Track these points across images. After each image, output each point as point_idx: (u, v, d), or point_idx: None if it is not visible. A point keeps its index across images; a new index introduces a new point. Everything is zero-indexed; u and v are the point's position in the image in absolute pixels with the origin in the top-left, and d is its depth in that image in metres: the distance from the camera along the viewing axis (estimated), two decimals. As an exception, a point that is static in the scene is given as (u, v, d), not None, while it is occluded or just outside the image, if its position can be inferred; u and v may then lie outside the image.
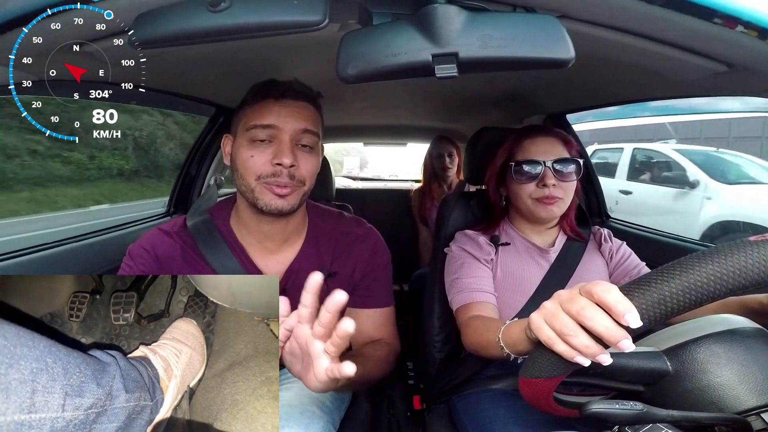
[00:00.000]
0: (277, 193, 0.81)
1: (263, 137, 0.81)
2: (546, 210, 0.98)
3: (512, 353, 0.69)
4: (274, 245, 0.92)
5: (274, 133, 0.81)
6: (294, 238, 0.94)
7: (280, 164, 0.80)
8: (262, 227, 0.89)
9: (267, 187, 0.82)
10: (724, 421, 0.50)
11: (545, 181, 0.96)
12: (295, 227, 0.93)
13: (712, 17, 0.58)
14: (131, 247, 0.90)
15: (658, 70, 0.88)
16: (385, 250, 1.00)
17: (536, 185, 0.97)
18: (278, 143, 0.81)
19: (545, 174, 0.96)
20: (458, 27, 0.54)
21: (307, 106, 0.85)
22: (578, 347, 0.46)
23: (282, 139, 0.81)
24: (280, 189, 0.81)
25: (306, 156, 0.84)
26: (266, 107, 0.82)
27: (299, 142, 0.83)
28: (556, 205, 0.97)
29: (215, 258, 0.88)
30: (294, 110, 0.83)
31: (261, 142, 0.82)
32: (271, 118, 0.81)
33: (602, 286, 0.45)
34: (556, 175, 0.96)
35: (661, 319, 0.44)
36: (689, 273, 0.43)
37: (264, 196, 0.82)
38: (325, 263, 0.93)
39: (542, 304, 0.51)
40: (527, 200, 0.99)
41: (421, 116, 2.32)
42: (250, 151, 0.82)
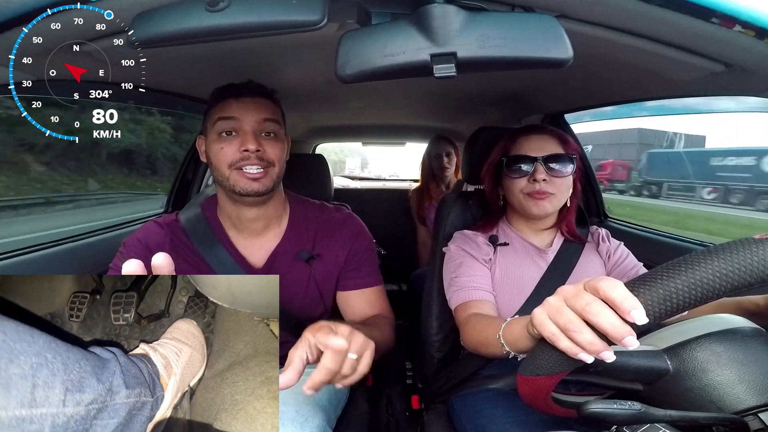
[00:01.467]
0: (249, 176, 0.88)
1: (228, 128, 0.89)
2: (537, 206, 0.98)
3: (512, 351, 0.69)
4: (256, 231, 0.98)
5: (237, 125, 0.89)
6: (275, 225, 1.00)
7: (247, 150, 0.87)
8: (243, 214, 0.95)
9: (240, 173, 0.89)
10: (721, 421, 0.50)
11: (536, 176, 0.96)
12: (275, 213, 0.99)
13: (709, 17, 0.58)
14: (126, 238, 0.96)
15: (655, 69, 0.88)
16: (366, 234, 1.07)
17: (528, 180, 0.98)
18: (243, 134, 0.89)
19: (536, 169, 0.97)
20: (457, 27, 0.54)
21: (265, 101, 0.93)
22: (582, 343, 0.46)
23: (245, 129, 0.89)
24: (252, 172, 0.88)
25: (271, 142, 0.91)
26: (227, 104, 0.90)
27: (262, 131, 0.91)
28: (547, 200, 0.97)
29: (202, 246, 0.95)
30: (252, 105, 0.90)
31: (228, 135, 0.89)
32: (232, 111, 0.89)
33: (608, 282, 0.45)
34: (547, 170, 0.96)
35: (666, 316, 0.44)
36: (695, 270, 0.43)
37: (238, 181, 0.89)
38: (307, 247, 0.99)
39: (546, 300, 0.51)
40: (519, 195, 1.00)
41: (420, 116, 2.32)
42: (219, 144, 0.89)
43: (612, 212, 1.78)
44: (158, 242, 0.93)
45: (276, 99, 0.96)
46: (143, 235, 0.94)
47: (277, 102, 0.96)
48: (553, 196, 0.98)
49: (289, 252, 0.98)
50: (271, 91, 0.96)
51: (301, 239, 1.00)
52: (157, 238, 0.94)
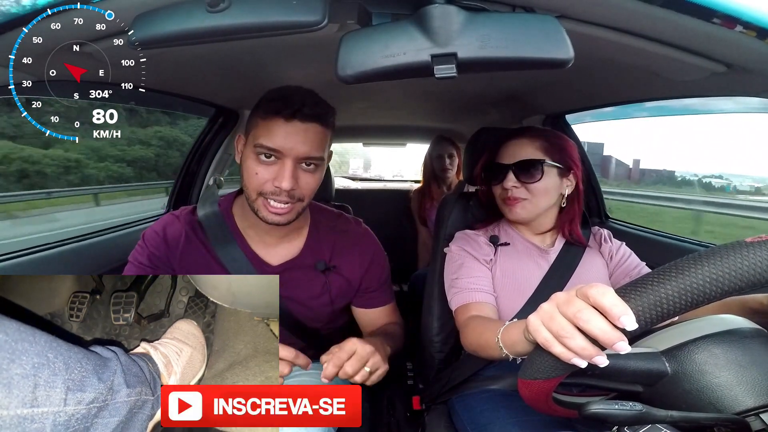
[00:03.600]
0: (272, 210, 0.85)
1: (268, 155, 0.84)
2: (511, 212, 1.01)
3: (511, 354, 0.69)
4: (274, 239, 0.97)
5: (278, 155, 0.83)
6: (294, 234, 0.99)
7: (279, 187, 0.83)
8: (264, 225, 0.91)
9: (265, 203, 0.86)
10: (723, 422, 0.50)
11: (505, 183, 0.99)
12: (295, 226, 0.96)
13: (711, 17, 0.58)
14: (146, 231, 0.96)
15: (657, 70, 0.88)
16: (382, 252, 1.07)
17: (502, 187, 1.01)
18: (281, 166, 0.83)
19: (507, 177, 0.99)
20: (457, 27, 0.54)
21: (316, 128, 0.84)
22: (574, 349, 0.46)
23: (285, 163, 0.83)
24: (276, 207, 0.85)
25: (309, 175, 0.87)
26: (275, 127, 0.82)
27: (303, 163, 0.85)
28: (519, 206, 0.99)
29: (219, 245, 0.94)
30: (301, 134, 0.83)
31: (267, 159, 0.84)
32: (277, 141, 0.82)
33: (598, 288, 0.45)
34: (516, 177, 0.98)
35: (657, 322, 0.44)
36: (685, 275, 0.42)
37: (262, 210, 0.86)
38: (324, 257, 0.99)
39: (540, 306, 0.51)
40: (498, 200, 1.04)
41: (421, 117, 2.32)
42: (255, 167, 0.85)
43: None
44: (174, 235, 0.94)
45: (331, 122, 0.88)
46: (161, 228, 0.95)
47: (330, 125, 0.88)
48: (526, 201, 0.99)
49: (307, 261, 0.98)
50: (326, 114, 0.86)
51: (320, 250, 0.99)
52: (174, 231, 0.94)
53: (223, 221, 0.96)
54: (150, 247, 0.92)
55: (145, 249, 0.92)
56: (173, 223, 0.96)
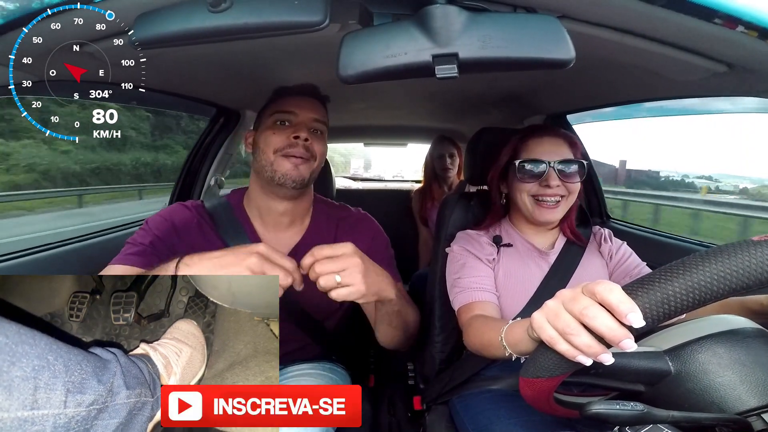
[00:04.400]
0: (293, 161, 0.96)
1: (283, 119, 0.99)
2: (545, 214, 0.98)
3: (514, 353, 0.69)
4: (282, 225, 1.04)
5: (292, 117, 0.99)
6: (299, 221, 1.06)
7: (298, 137, 0.96)
8: (273, 206, 1.01)
9: (284, 158, 0.96)
10: (724, 422, 0.50)
11: (549, 181, 0.96)
12: (302, 210, 1.05)
13: (712, 17, 0.58)
14: (149, 218, 0.99)
15: (658, 70, 0.88)
16: (383, 234, 1.13)
17: (539, 184, 0.97)
18: (297, 124, 0.99)
19: (549, 174, 0.96)
20: (459, 27, 0.54)
21: (319, 103, 1.05)
22: (580, 346, 0.46)
23: (299, 121, 0.99)
24: (296, 158, 0.96)
25: (317, 139, 1.00)
26: (286, 100, 1.01)
27: (313, 127, 1.00)
28: (558, 208, 0.98)
29: (227, 232, 0.99)
30: (308, 103, 1.02)
31: (281, 125, 0.99)
32: (291, 107, 1.00)
33: (605, 285, 0.45)
34: (559, 175, 0.96)
35: (663, 319, 0.44)
36: (692, 272, 0.42)
37: (281, 167, 0.96)
38: (329, 241, 0.99)
39: (544, 303, 0.51)
40: (527, 200, 1.00)
41: (422, 117, 2.32)
42: (272, 131, 0.98)
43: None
44: (185, 221, 0.98)
45: (326, 105, 1.07)
46: (168, 214, 0.98)
47: (326, 108, 1.07)
48: (564, 200, 0.98)
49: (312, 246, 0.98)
50: (324, 96, 1.08)
51: (323, 235, 1.05)
52: (184, 217, 0.99)
53: (232, 211, 1.03)
54: (154, 230, 0.95)
55: (149, 232, 0.94)
56: (183, 211, 1.00)
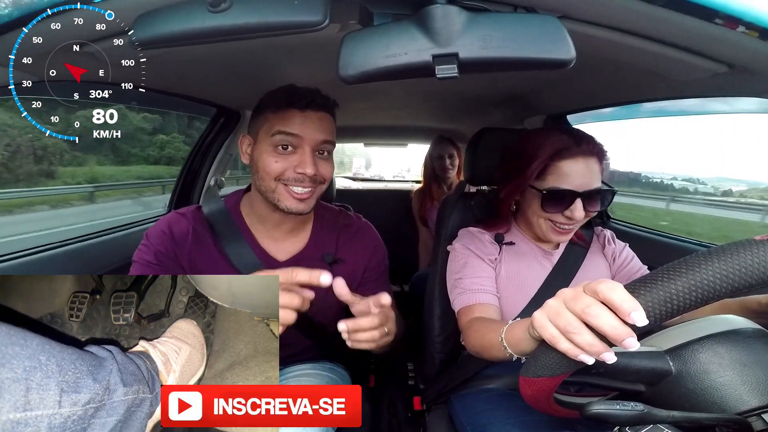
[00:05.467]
0: (296, 196, 0.88)
1: (286, 144, 0.87)
2: (558, 237, 0.96)
3: (515, 353, 0.68)
4: (282, 234, 0.99)
5: (297, 142, 0.87)
6: (300, 228, 1.01)
7: (303, 173, 0.87)
8: (275, 218, 0.95)
9: (286, 189, 0.88)
10: (724, 422, 0.50)
11: (574, 213, 0.89)
12: (302, 219, 0.99)
13: (713, 18, 0.58)
14: (149, 230, 0.96)
15: (659, 70, 0.88)
16: (383, 246, 1.09)
17: (562, 214, 0.91)
18: (302, 153, 0.88)
19: (575, 206, 0.89)
20: (459, 27, 0.54)
21: (327, 117, 0.91)
22: (582, 345, 0.46)
23: (305, 149, 0.87)
24: (299, 192, 0.88)
25: (324, 161, 0.91)
26: (291, 116, 0.87)
27: (320, 149, 0.90)
28: (573, 231, 0.96)
29: (226, 240, 0.95)
30: (316, 121, 0.88)
31: (284, 149, 0.87)
32: (295, 128, 0.86)
33: (607, 284, 0.45)
34: (586, 206, 0.90)
35: (666, 318, 0.43)
36: (695, 271, 0.42)
37: (285, 198, 0.89)
38: (330, 250, 1.00)
39: (546, 302, 0.51)
40: (542, 224, 0.95)
41: (422, 117, 2.32)
42: (274, 157, 0.88)
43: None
44: (182, 232, 0.94)
45: (335, 113, 0.95)
46: (166, 225, 0.95)
47: (335, 115, 0.95)
48: (578, 224, 0.94)
49: (314, 255, 0.99)
50: (333, 105, 0.94)
51: (325, 243, 1.01)
52: (181, 228, 0.94)
53: (230, 218, 0.98)
54: (156, 244, 0.92)
55: (151, 247, 0.92)
56: (179, 220, 0.96)
